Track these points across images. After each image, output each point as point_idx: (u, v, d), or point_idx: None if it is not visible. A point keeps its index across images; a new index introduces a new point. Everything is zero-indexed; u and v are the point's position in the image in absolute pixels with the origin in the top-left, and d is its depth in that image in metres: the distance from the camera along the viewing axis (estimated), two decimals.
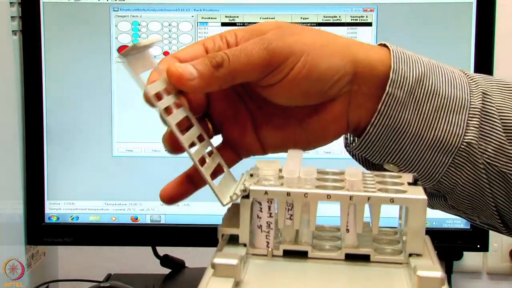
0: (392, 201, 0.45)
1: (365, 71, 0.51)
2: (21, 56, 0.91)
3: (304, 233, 0.47)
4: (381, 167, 0.56)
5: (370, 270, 0.45)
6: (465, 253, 1.17)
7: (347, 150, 0.58)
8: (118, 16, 0.91)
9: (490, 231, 0.91)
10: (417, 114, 0.52)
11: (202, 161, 0.52)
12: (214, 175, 0.52)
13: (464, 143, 0.53)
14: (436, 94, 0.52)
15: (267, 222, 0.46)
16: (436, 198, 0.58)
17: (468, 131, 0.53)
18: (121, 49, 0.91)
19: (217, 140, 0.56)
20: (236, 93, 0.54)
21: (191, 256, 1.04)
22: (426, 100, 0.52)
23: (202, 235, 0.91)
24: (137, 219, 0.93)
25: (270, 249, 0.47)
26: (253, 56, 0.48)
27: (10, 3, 0.90)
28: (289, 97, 0.51)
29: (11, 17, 0.90)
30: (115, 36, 0.91)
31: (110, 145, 0.92)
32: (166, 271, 1.03)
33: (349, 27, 0.89)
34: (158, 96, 0.49)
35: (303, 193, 0.46)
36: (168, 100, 0.50)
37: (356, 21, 0.89)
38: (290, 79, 0.50)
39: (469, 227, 0.91)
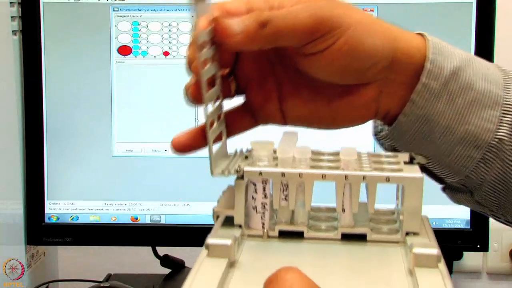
0: (388, 180, 0.45)
1: (402, 58, 0.50)
2: (21, 56, 0.91)
3: (299, 213, 0.47)
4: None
5: (367, 250, 0.45)
6: (465, 253, 1.16)
7: (376, 139, 0.57)
8: (118, 16, 0.91)
9: (490, 232, 0.91)
10: (450, 106, 0.51)
11: (212, 123, 0.51)
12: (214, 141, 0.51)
13: (496, 139, 0.52)
14: (470, 88, 0.51)
15: (262, 203, 0.46)
16: (463, 194, 0.58)
17: (501, 127, 0.52)
18: (121, 49, 0.91)
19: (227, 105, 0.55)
20: (267, 59, 0.53)
21: (191, 256, 1.04)
22: (460, 93, 0.51)
23: (202, 235, 0.91)
24: (137, 219, 0.93)
25: (265, 230, 0.46)
26: (300, 20, 0.47)
27: (10, 3, 0.90)
28: (326, 71, 0.50)
29: (11, 17, 0.90)
30: (115, 36, 0.91)
31: (110, 145, 0.92)
32: (166, 271, 1.03)
33: None
34: (202, 46, 0.47)
35: (298, 173, 0.45)
36: (207, 52, 0.48)
37: None
38: (331, 51, 0.49)
39: (469, 227, 0.91)
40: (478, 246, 0.91)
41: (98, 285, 0.95)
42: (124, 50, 0.91)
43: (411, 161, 0.49)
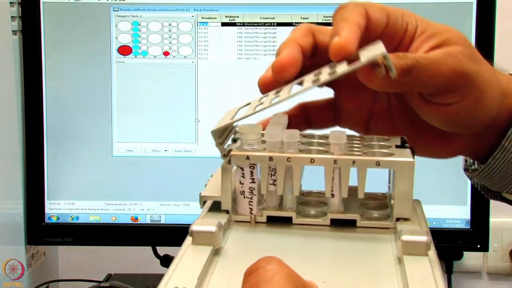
0: (378, 164, 0.44)
1: (504, 112, 0.50)
2: (21, 56, 0.91)
3: (288, 198, 0.46)
4: (500, 194, 0.55)
5: (356, 236, 0.44)
6: (465, 253, 1.16)
7: (466, 174, 0.57)
8: (118, 16, 0.91)
9: (490, 232, 0.91)
10: None
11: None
12: None
13: None
14: None
15: (249, 188, 0.45)
16: None
17: None
18: (121, 49, 0.91)
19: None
20: None
21: None
22: None
23: None
24: (137, 219, 0.93)
25: (253, 216, 0.45)
26: (441, 72, 0.46)
27: (10, 3, 0.90)
28: (440, 120, 0.49)
29: (11, 17, 0.90)
30: (115, 36, 0.91)
31: (110, 145, 0.92)
32: (166, 271, 1.03)
33: None
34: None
35: (286, 157, 0.44)
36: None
37: None
38: (457, 106, 0.48)
39: (469, 227, 0.91)
40: (478, 246, 0.91)
41: (98, 285, 0.95)
42: (124, 50, 0.91)
43: (403, 145, 0.48)
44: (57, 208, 0.93)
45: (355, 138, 0.49)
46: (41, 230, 0.93)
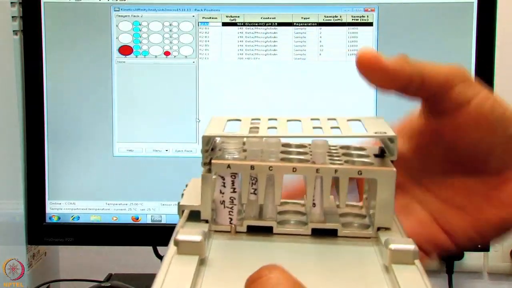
0: (360, 173, 0.44)
1: None
2: (22, 56, 0.91)
3: (268, 208, 0.46)
4: None
5: (338, 246, 0.44)
6: (466, 253, 1.16)
7: None
8: (119, 16, 0.91)
9: None
10: None
11: None
12: None
13: None
14: None
15: (230, 198, 0.44)
16: None
17: None
18: (122, 49, 0.91)
19: None
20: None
21: None
22: None
23: None
24: (138, 219, 0.93)
25: (233, 226, 0.45)
26: (439, 67, 0.48)
27: (11, 3, 0.90)
28: (470, 130, 0.47)
29: (12, 17, 0.90)
30: (116, 36, 0.91)
31: (110, 145, 0.92)
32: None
33: (349, 27, 0.89)
34: None
35: (268, 166, 0.44)
36: None
37: (357, 21, 0.89)
38: (476, 106, 0.47)
39: None
40: (479, 246, 0.91)
41: (99, 285, 0.95)
42: (125, 50, 0.91)
43: (381, 154, 0.48)
44: (58, 208, 0.93)
45: (332, 147, 0.49)
46: (41, 230, 0.93)
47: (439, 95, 0.48)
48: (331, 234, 0.45)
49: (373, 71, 0.47)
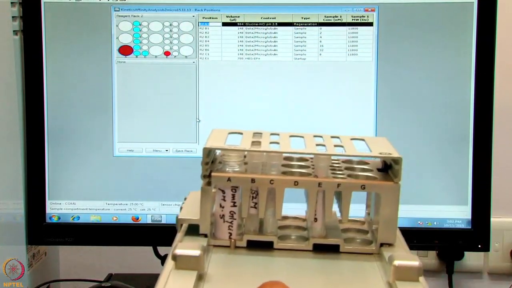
0: (363, 187, 0.43)
1: None
2: (22, 56, 0.91)
3: (269, 222, 0.44)
4: None
5: (340, 262, 0.43)
6: (466, 253, 1.16)
7: None
8: (119, 16, 0.91)
9: (491, 231, 0.91)
10: None
11: None
12: None
13: None
14: None
15: (230, 212, 0.44)
16: None
17: None
18: (122, 49, 0.91)
19: None
20: None
21: None
22: None
23: None
24: (138, 219, 0.93)
25: (233, 240, 0.44)
26: None
27: (11, 3, 0.90)
28: None
29: (12, 17, 0.90)
30: (116, 36, 0.91)
31: (111, 145, 0.92)
32: None
33: (350, 27, 0.89)
34: None
35: (269, 179, 0.43)
36: None
37: (357, 21, 0.89)
38: None
39: (470, 227, 0.91)
40: (479, 246, 0.91)
41: (99, 285, 0.95)
42: (125, 50, 0.91)
43: (385, 168, 0.47)
44: (58, 208, 0.93)
45: (335, 161, 0.48)
46: (42, 230, 0.93)
47: None
48: (333, 249, 0.44)
49: None
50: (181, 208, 0.45)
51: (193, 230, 0.44)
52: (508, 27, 1.10)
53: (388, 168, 0.46)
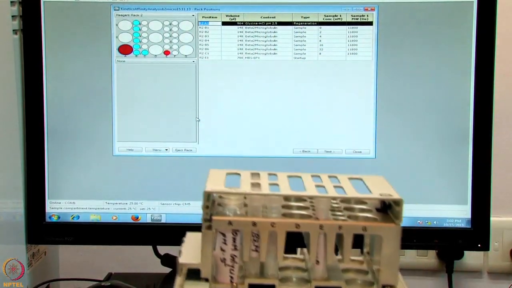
0: (364, 229, 0.42)
1: None
2: (21, 55, 0.91)
3: (270, 265, 0.44)
4: None
5: None
6: (465, 252, 1.16)
7: None
8: (119, 15, 0.91)
9: (491, 231, 0.91)
10: None
11: None
12: None
13: None
14: None
15: (231, 255, 0.43)
16: None
17: None
18: (122, 48, 0.91)
19: None
20: None
21: None
22: None
23: None
24: (137, 218, 0.93)
25: (234, 284, 0.43)
26: None
27: (11, 2, 0.89)
28: None
29: (12, 16, 0.90)
30: (115, 35, 0.91)
31: (110, 144, 0.92)
32: (167, 270, 1.03)
33: (349, 26, 0.89)
34: None
35: (270, 222, 0.42)
36: None
37: (357, 20, 0.89)
38: None
39: (470, 227, 0.91)
40: (479, 245, 0.91)
41: (99, 284, 0.95)
42: (125, 49, 0.91)
43: (383, 208, 0.46)
44: (58, 207, 0.93)
45: (334, 201, 0.47)
46: (41, 229, 0.93)
47: None
48: None
49: None
50: (180, 251, 0.44)
51: (194, 273, 0.43)
52: (508, 27, 1.10)
53: (387, 208, 0.45)
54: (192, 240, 0.44)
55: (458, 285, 1.19)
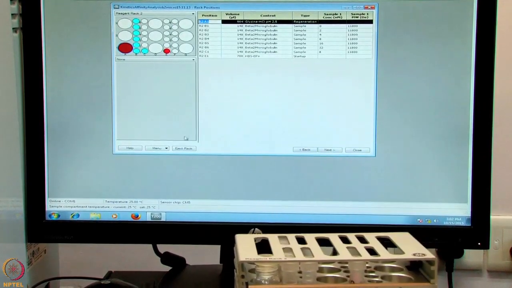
0: None
1: None
2: (21, 53, 0.91)
3: None
4: None
5: None
6: (465, 250, 1.16)
7: None
8: (119, 13, 0.91)
9: (491, 229, 0.91)
10: None
11: None
12: None
13: None
14: None
15: None
16: None
17: None
18: (122, 46, 0.91)
19: None
20: None
21: (191, 253, 1.04)
22: None
23: (203, 233, 0.91)
24: (137, 216, 0.93)
25: None
26: None
27: (11, 0, 0.89)
28: None
29: (12, 14, 0.90)
30: (115, 33, 0.91)
31: (110, 143, 0.92)
32: (167, 268, 1.03)
33: (349, 24, 0.89)
34: None
35: None
36: None
37: (356, 19, 0.89)
38: None
39: (469, 225, 0.91)
40: (479, 243, 0.91)
41: (98, 283, 0.95)
42: (125, 48, 0.91)
43: (415, 266, 0.46)
44: (58, 205, 0.93)
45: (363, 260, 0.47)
46: (41, 228, 0.93)
47: None
48: None
49: None
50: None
51: None
52: (508, 25, 1.10)
53: (418, 266, 0.45)
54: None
55: (458, 283, 1.19)
